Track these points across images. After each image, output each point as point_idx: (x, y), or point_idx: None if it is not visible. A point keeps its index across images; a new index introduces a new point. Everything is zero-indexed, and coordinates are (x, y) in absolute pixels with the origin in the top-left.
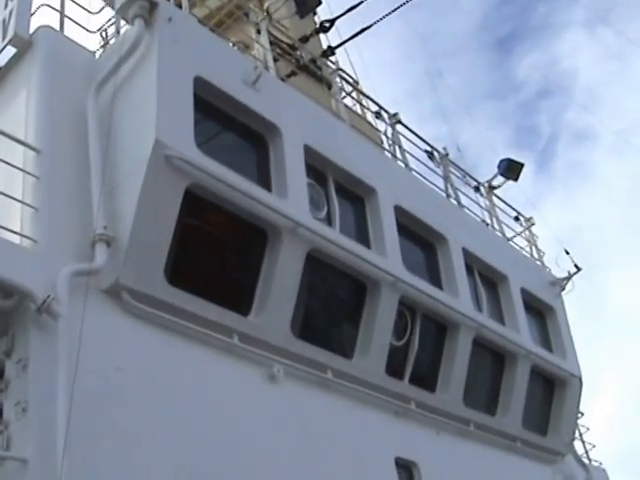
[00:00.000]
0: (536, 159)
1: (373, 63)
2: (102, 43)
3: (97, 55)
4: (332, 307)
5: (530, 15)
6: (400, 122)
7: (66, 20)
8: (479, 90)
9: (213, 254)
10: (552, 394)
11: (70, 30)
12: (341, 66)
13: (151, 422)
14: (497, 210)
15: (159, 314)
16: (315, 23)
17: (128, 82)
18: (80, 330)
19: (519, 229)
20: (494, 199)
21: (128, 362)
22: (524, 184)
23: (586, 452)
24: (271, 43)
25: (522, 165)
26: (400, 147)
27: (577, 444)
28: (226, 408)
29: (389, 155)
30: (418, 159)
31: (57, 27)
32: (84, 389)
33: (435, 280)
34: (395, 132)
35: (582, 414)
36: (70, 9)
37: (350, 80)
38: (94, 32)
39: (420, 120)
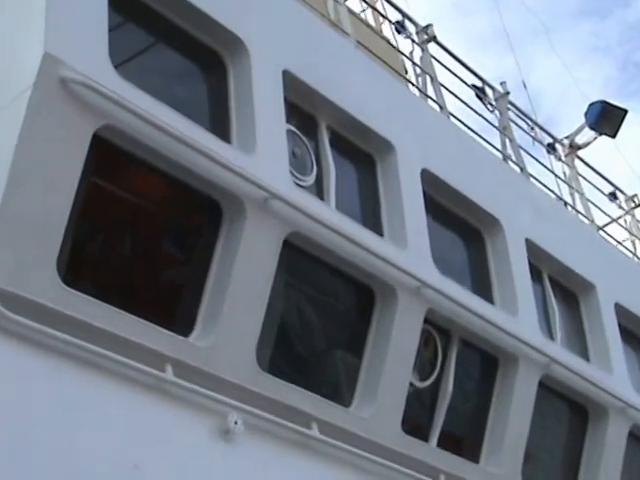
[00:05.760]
0: None
1: None
2: None
3: None
4: (322, 322)
5: None
6: (435, 40)
7: None
8: (564, 4)
9: (138, 239)
10: None
11: None
12: None
13: None
14: (581, 182)
15: (48, 332)
16: None
17: None
18: None
19: (615, 212)
20: (577, 164)
21: None
22: (626, 144)
23: None
24: None
25: (624, 113)
26: (433, 79)
27: None
28: (155, 479)
29: (416, 91)
30: (460, 99)
31: None
32: None
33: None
34: (426, 55)
35: None
36: None
37: None
38: None
39: (470, 47)
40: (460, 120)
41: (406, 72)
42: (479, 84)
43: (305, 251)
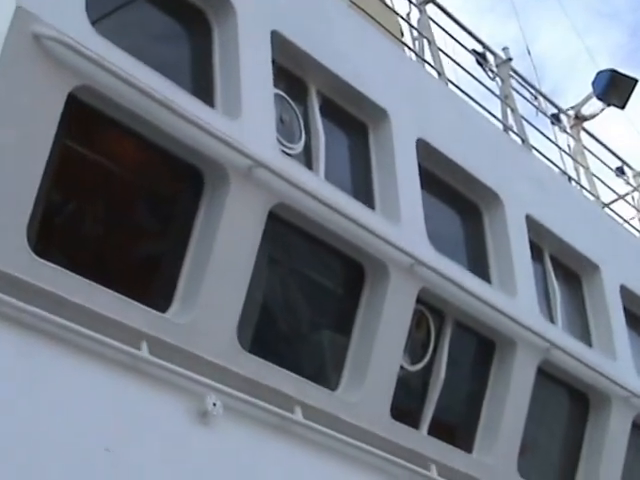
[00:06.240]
0: None
1: None
2: None
3: None
4: (308, 300)
5: None
6: (433, 1)
7: None
8: None
9: (114, 208)
10: None
11: None
12: None
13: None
14: (587, 155)
15: (16, 305)
16: None
17: None
18: None
19: (623, 189)
20: (583, 137)
21: None
22: (636, 116)
23: None
24: None
25: (635, 82)
26: (430, 42)
27: None
28: (127, 464)
29: (413, 56)
30: (459, 64)
31: None
32: None
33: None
34: (424, 17)
35: None
36: None
37: None
38: None
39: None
40: (459, 87)
41: (402, 35)
42: (480, 49)
43: (291, 224)
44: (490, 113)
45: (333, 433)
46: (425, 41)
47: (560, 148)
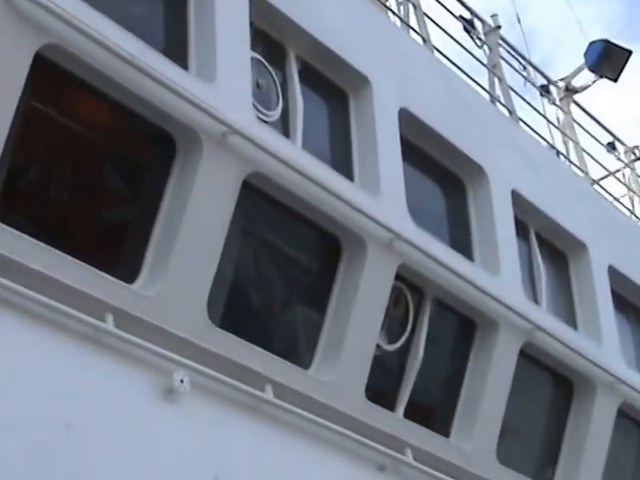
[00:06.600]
0: None
1: None
2: None
3: None
4: (282, 274)
5: None
6: None
7: None
8: None
9: (81, 172)
10: None
11: None
12: None
13: None
14: (577, 129)
15: None
16: None
17: None
18: None
19: (613, 165)
20: (573, 110)
21: None
22: (629, 89)
23: None
24: None
25: (629, 54)
26: (416, 7)
27: None
28: (88, 441)
29: (397, 21)
30: (445, 31)
31: None
32: None
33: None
34: None
35: None
36: None
37: None
38: None
39: None
40: (445, 55)
41: None
42: (467, 16)
43: (266, 194)
44: (477, 83)
45: (305, 413)
46: (410, 6)
47: (549, 121)
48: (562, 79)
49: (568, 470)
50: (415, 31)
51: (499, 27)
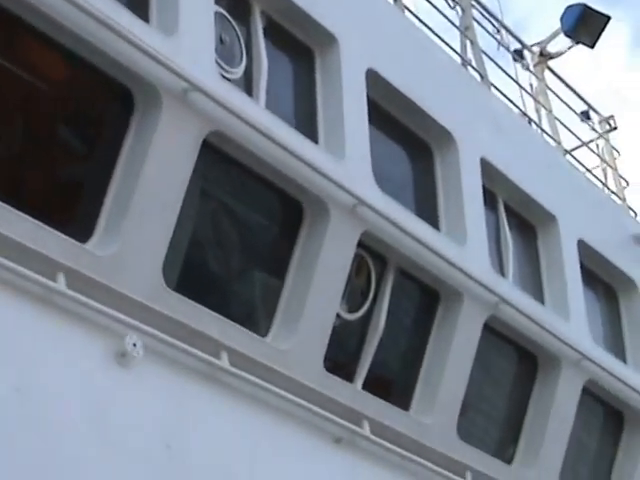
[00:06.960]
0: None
1: None
2: None
3: None
4: (241, 238)
5: None
6: None
7: None
8: None
9: (33, 126)
10: (620, 435)
11: None
12: None
13: None
14: (550, 96)
15: None
16: None
17: None
18: None
19: (587, 135)
20: (547, 76)
21: None
22: (605, 57)
23: None
24: None
25: (607, 19)
26: None
27: None
28: (36, 404)
29: None
30: None
31: None
32: None
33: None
34: None
35: None
36: None
37: None
38: None
39: None
40: (416, 15)
41: None
42: None
43: (227, 154)
44: (448, 45)
45: (260, 382)
46: None
47: (521, 87)
48: (537, 44)
49: (530, 448)
50: None
51: None
